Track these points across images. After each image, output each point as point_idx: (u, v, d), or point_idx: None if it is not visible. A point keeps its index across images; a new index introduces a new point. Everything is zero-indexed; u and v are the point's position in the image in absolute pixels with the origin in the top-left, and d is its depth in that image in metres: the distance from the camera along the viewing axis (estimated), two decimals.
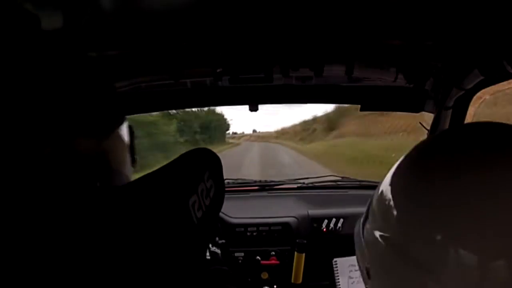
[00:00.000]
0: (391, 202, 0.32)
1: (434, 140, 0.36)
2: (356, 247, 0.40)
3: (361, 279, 1.04)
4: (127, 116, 0.45)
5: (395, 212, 0.31)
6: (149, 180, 0.37)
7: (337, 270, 1.06)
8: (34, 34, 0.34)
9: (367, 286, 0.37)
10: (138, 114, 1.18)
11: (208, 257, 0.73)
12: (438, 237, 0.27)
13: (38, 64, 0.33)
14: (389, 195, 0.33)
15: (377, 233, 0.32)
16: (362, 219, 0.38)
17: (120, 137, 0.42)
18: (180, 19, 0.64)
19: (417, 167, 0.32)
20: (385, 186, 0.34)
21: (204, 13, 0.62)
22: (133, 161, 0.47)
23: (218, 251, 0.77)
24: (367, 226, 0.35)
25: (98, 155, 0.37)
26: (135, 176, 0.40)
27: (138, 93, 1.01)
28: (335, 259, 1.07)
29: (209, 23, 0.68)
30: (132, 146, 0.46)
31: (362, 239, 0.36)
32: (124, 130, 0.43)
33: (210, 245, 0.75)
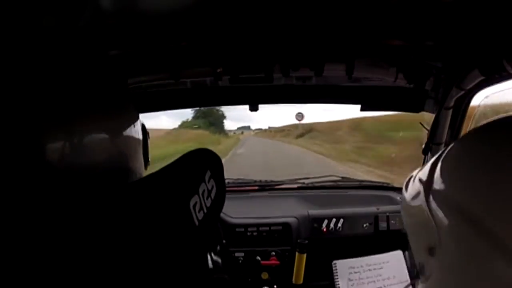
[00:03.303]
0: (472, 174, 0.31)
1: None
2: (415, 225, 0.38)
3: (361, 281, 1.05)
4: None
5: (477, 184, 0.30)
6: (150, 181, 0.37)
7: (336, 272, 1.06)
8: (44, 32, 0.34)
9: (420, 261, 0.35)
10: None
11: (211, 266, 0.72)
12: None
13: (50, 61, 0.32)
14: (467, 166, 0.32)
15: (454, 206, 0.31)
16: (424, 193, 0.36)
17: (133, 135, 0.41)
18: (180, 19, 0.64)
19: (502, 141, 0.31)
20: (460, 157, 0.33)
21: (204, 13, 0.62)
22: (146, 162, 0.46)
23: (220, 260, 0.77)
24: (436, 199, 0.33)
25: (111, 153, 0.37)
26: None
27: (138, 93, 1.01)
28: (334, 262, 1.07)
29: (209, 23, 0.68)
30: (145, 147, 0.45)
31: (429, 214, 0.34)
32: (137, 127, 0.43)
33: (212, 254, 0.75)
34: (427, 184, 0.35)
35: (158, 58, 0.88)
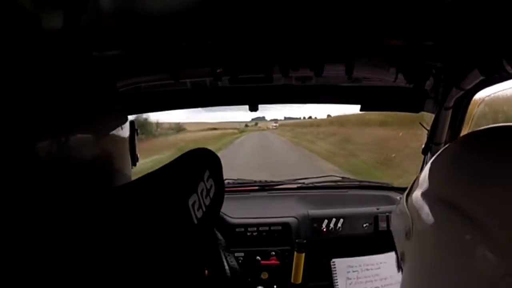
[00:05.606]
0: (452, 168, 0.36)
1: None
2: (395, 215, 0.44)
3: (358, 280, 1.05)
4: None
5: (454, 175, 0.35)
6: (149, 180, 0.37)
7: (335, 271, 1.06)
8: (34, 33, 0.34)
9: (400, 250, 0.40)
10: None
11: (228, 275, 0.56)
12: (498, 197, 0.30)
13: (38, 62, 0.32)
14: (448, 164, 0.37)
15: (427, 194, 0.36)
16: (406, 193, 0.42)
17: (120, 136, 0.41)
18: (180, 19, 0.64)
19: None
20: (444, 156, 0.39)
21: (204, 13, 0.62)
22: (134, 160, 0.46)
23: (236, 265, 0.59)
24: (414, 193, 0.39)
25: (97, 153, 0.37)
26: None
27: (138, 93, 1.01)
28: (333, 260, 1.07)
29: (209, 24, 0.68)
30: (132, 145, 0.45)
31: (405, 205, 0.40)
32: (125, 129, 0.43)
33: (229, 260, 0.58)
34: (411, 184, 0.41)
35: (158, 58, 0.88)
